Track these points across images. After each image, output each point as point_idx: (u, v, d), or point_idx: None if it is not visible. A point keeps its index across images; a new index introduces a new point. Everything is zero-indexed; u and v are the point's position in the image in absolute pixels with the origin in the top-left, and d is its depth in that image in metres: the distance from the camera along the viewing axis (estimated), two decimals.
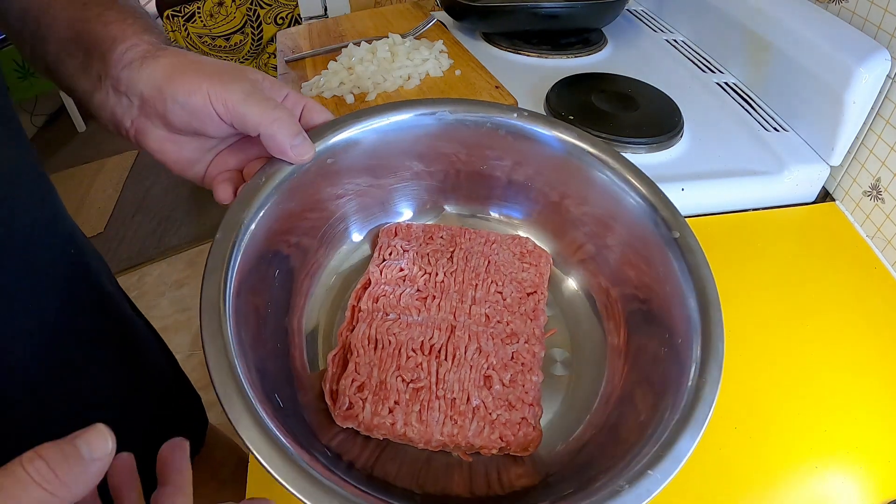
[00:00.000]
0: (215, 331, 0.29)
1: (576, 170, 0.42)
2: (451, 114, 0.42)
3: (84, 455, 0.21)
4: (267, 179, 0.36)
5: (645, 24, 0.87)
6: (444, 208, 0.48)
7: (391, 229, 0.45)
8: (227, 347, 0.29)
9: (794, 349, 0.45)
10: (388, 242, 0.44)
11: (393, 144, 0.42)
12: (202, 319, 0.30)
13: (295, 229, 0.40)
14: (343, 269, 0.44)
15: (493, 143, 0.43)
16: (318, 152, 0.38)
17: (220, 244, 0.33)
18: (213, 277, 0.31)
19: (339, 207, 0.43)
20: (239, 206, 0.34)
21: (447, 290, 0.41)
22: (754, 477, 0.38)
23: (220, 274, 0.31)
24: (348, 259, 0.45)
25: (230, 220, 0.34)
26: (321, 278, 0.43)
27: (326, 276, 0.43)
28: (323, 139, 0.38)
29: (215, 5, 1.92)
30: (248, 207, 0.34)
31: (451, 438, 0.35)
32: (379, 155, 0.42)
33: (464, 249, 0.44)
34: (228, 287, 0.31)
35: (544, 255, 0.45)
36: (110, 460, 0.22)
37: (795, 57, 0.59)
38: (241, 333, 0.31)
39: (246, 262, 0.33)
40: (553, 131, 0.42)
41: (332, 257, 0.44)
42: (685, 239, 0.37)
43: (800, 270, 0.51)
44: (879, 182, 0.53)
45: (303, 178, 0.38)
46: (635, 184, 0.40)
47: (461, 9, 0.80)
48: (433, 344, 0.38)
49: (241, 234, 0.33)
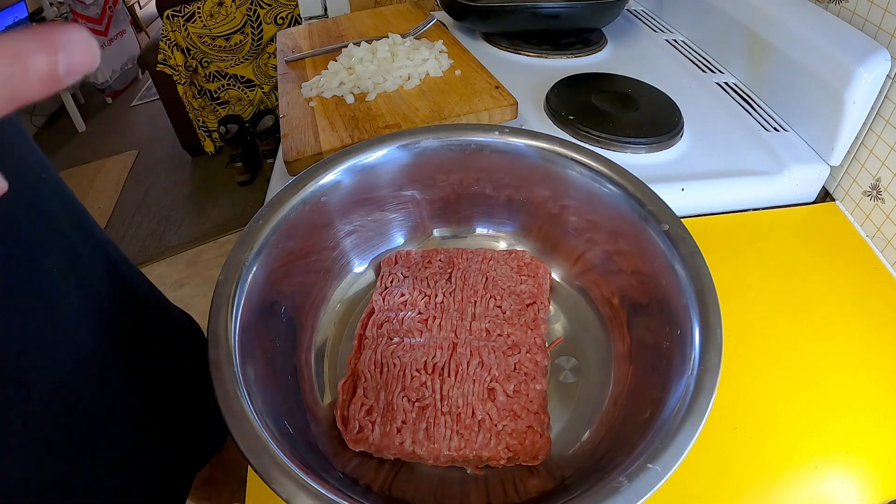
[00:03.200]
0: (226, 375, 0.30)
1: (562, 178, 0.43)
2: (435, 140, 0.44)
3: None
4: (265, 222, 0.37)
5: (645, 24, 0.87)
6: (434, 232, 0.49)
7: (392, 258, 0.46)
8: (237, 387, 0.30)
9: (794, 349, 0.45)
10: (389, 271, 0.45)
11: (383, 177, 0.44)
12: (212, 372, 0.30)
13: (296, 268, 0.41)
14: (347, 297, 0.46)
15: (480, 163, 0.45)
16: (313, 191, 0.40)
17: (224, 285, 0.34)
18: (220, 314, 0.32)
19: (339, 243, 0.45)
20: (240, 247, 0.36)
21: (447, 310, 0.42)
22: (754, 477, 0.38)
23: (225, 310, 0.33)
24: (352, 288, 0.46)
25: (232, 262, 0.35)
26: (326, 311, 0.44)
27: (331, 307, 0.44)
28: (314, 179, 0.40)
29: (215, 5, 1.92)
30: (249, 249, 0.36)
31: (459, 453, 0.35)
32: (371, 188, 0.45)
33: (461, 269, 0.45)
34: (234, 326, 0.32)
35: (542, 265, 0.45)
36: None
37: (795, 57, 0.59)
38: (247, 371, 0.32)
39: (249, 304, 0.34)
40: (535, 142, 0.43)
41: (335, 288, 0.45)
42: (676, 230, 0.37)
43: (800, 270, 0.51)
44: (879, 182, 0.53)
45: (299, 217, 0.39)
46: (620, 182, 0.41)
47: (461, 9, 0.80)
48: (436, 362, 0.39)
49: (243, 275, 0.35)
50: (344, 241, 0.45)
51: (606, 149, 0.59)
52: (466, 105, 0.61)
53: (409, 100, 0.63)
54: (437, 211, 0.48)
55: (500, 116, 0.60)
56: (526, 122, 0.64)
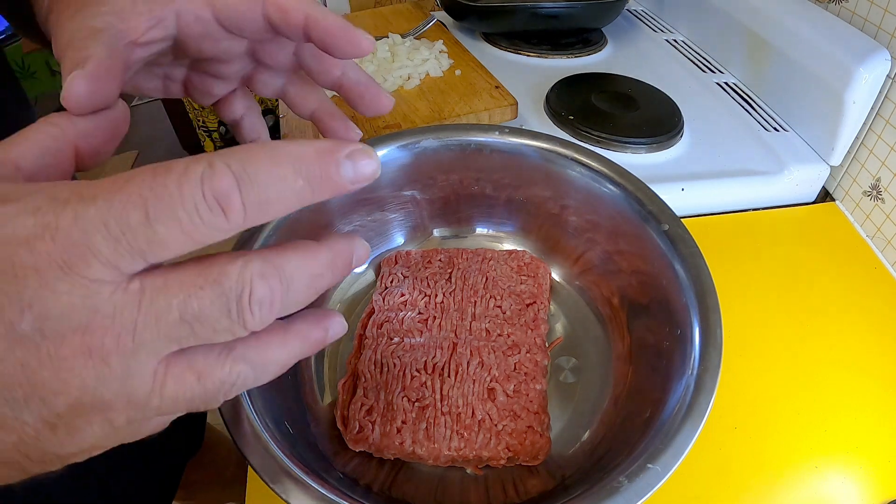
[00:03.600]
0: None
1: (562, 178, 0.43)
2: (435, 140, 0.44)
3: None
4: (263, 224, 0.37)
5: (645, 24, 0.87)
6: (434, 232, 0.49)
7: (392, 258, 0.46)
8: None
9: (794, 349, 0.45)
10: (389, 271, 0.45)
11: (383, 177, 0.44)
12: None
13: None
14: (347, 297, 0.46)
15: (480, 163, 0.45)
16: None
17: None
18: None
19: None
20: (241, 247, 0.35)
21: (447, 310, 0.42)
22: (754, 477, 0.38)
23: None
24: (352, 288, 0.46)
25: None
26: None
27: (331, 307, 0.44)
28: None
29: None
30: (249, 249, 0.36)
31: (460, 452, 0.35)
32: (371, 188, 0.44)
33: (461, 269, 0.45)
34: None
35: (542, 265, 0.45)
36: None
37: (795, 57, 0.59)
38: None
39: None
40: (535, 142, 0.43)
41: (335, 288, 0.45)
42: (676, 230, 0.37)
43: (800, 270, 0.51)
44: (879, 182, 0.53)
45: (300, 217, 0.39)
46: (620, 182, 0.41)
47: (461, 9, 0.80)
48: (436, 363, 0.39)
49: None
50: None
51: (606, 149, 0.59)
52: (466, 105, 0.61)
53: (409, 100, 0.63)
54: (437, 211, 0.48)
55: (500, 116, 0.60)
56: (526, 122, 0.64)
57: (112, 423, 0.16)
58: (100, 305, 0.15)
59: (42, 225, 0.14)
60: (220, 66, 0.28)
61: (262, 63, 0.29)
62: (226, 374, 0.18)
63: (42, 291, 0.14)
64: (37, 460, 0.16)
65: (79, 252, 0.14)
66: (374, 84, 0.28)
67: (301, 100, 0.30)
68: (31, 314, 0.14)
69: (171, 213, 0.15)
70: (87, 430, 0.16)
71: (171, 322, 0.15)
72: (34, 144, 0.19)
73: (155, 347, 0.16)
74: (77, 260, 0.14)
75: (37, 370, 0.15)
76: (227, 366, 0.18)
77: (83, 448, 0.17)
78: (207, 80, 0.29)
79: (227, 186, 0.15)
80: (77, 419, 0.16)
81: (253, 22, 0.24)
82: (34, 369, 0.15)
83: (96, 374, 0.15)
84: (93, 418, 0.16)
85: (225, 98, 0.30)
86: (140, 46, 0.24)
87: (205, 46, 0.25)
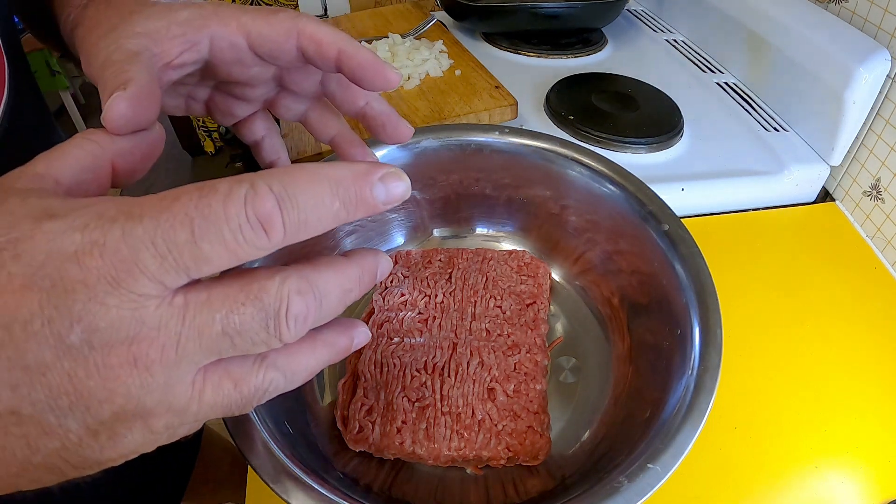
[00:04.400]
0: None
1: (562, 178, 0.43)
2: (435, 140, 0.44)
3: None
4: None
5: (645, 24, 0.87)
6: (434, 232, 0.49)
7: (392, 258, 0.46)
8: None
9: (794, 349, 0.45)
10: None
11: None
12: None
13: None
14: None
15: (480, 163, 0.45)
16: None
17: None
18: None
19: (339, 243, 0.45)
20: None
21: (447, 310, 0.42)
22: (754, 477, 0.38)
23: None
24: None
25: None
26: None
27: None
28: None
29: None
30: None
31: (459, 452, 0.35)
32: None
33: (461, 269, 0.45)
34: None
35: (542, 266, 0.45)
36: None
37: (795, 57, 0.59)
38: None
39: None
40: (535, 142, 0.43)
41: None
42: (676, 230, 0.37)
43: (800, 270, 0.51)
44: (879, 182, 0.53)
45: None
46: (620, 182, 0.41)
47: (461, 9, 0.80)
48: (436, 363, 0.39)
49: None
50: (344, 241, 0.45)
51: (606, 149, 0.59)
52: (466, 105, 0.61)
53: (409, 100, 0.63)
54: (437, 211, 0.48)
55: (500, 116, 0.60)
56: (526, 122, 0.64)
57: (151, 429, 0.17)
58: (146, 318, 0.15)
59: (90, 241, 0.15)
60: (245, 89, 0.28)
61: (287, 88, 0.29)
62: (259, 381, 0.19)
63: (91, 305, 0.15)
64: (76, 465, 0.17)
65: (126, 268, 0.15)
66: (395, 115, 0.29)
67: (322, 126, 0.31)
68: (80, 326, 0.15)
69: (217, 232, 0.15)
70: (127, 436, 0.17)
71: (214, 335, 0.16)
72: (74, 160, 0.19)
73: (196, 358, 0.17)
74: (125, 275, 0.15)
75: (83, 380, 0.15)
76: (261, 373, 0.19)
77: (122, 453, 0.17)
78: (231, 101, 0.29)
79: (270, 208, 0.16)
80: (119, 426, 0.16)
81: (287, 53, 0.24)
82: (81, 379, 0.15)
83: (140, 383, 0.16)
84: (134, 425, 0.17)
85: (246, 119, 0.30)
86: (172, 69, 0.24)
87: (234, 71, 0.26)
